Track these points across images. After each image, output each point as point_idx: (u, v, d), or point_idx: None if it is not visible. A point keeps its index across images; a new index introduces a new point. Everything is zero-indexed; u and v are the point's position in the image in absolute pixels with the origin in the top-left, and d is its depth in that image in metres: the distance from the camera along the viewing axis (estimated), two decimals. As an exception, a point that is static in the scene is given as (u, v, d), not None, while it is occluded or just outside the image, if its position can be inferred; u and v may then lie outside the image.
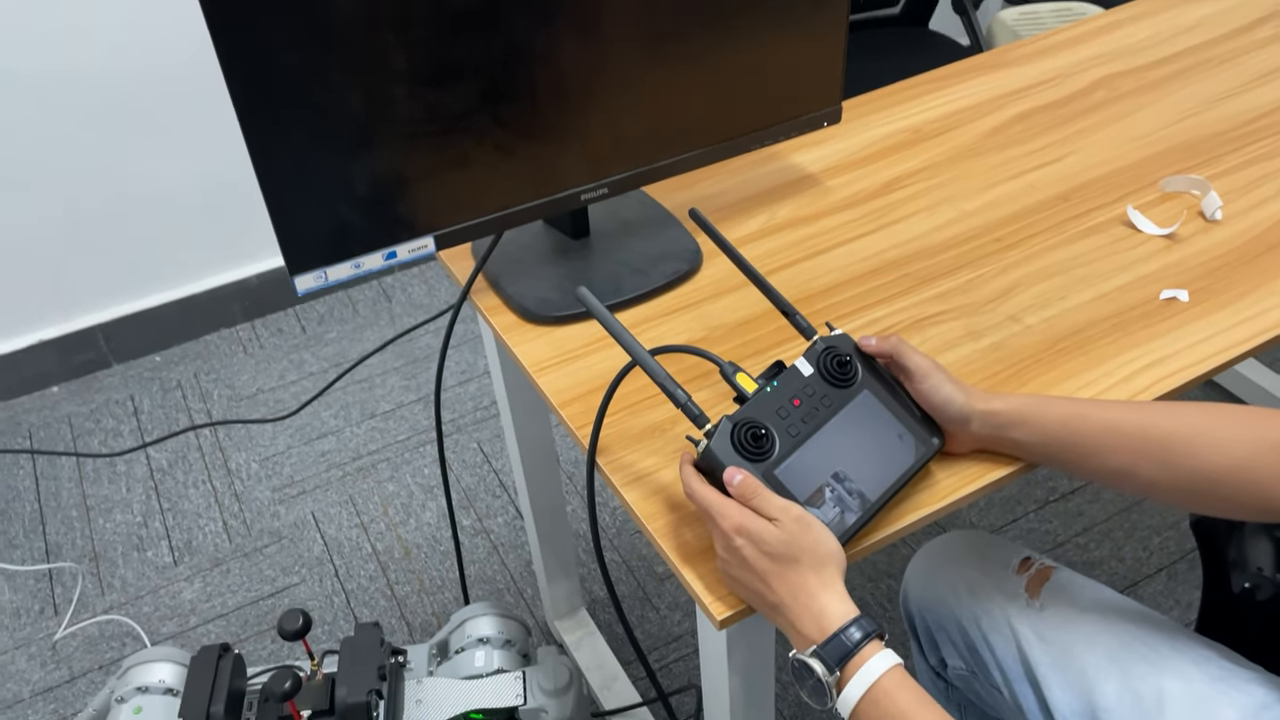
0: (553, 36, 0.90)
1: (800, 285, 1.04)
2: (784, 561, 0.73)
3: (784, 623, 0.74)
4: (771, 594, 0.73)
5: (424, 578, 1.67)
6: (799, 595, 0.72)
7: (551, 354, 0.99)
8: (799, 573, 0.73)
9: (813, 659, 0.71)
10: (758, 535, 0.73)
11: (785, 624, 0.74)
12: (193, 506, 1.83)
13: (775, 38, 1.02)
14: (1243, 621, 0.92)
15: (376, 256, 0.95)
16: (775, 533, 0.73)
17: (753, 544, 0.73)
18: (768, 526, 0.73)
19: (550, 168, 0.97)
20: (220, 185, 2.04)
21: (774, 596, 0.73)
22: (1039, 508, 1.70)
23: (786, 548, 0.72)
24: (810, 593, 0.72)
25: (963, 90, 1.34)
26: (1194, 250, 1.05)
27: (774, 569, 0.73)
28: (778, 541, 0.72)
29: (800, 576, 0.73)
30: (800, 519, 0.73)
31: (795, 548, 0.72)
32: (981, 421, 0.83)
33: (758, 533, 0.73)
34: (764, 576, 0.73)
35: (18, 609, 1.68)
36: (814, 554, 0.73)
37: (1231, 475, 0.78)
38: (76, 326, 2.07)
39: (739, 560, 0.74)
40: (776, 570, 0.73)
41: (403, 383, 2.04)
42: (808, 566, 0.73)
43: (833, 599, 0.72)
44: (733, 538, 0.73)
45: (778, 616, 0.74)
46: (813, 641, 0.71)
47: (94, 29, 1.79)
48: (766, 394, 0.79)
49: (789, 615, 0.73)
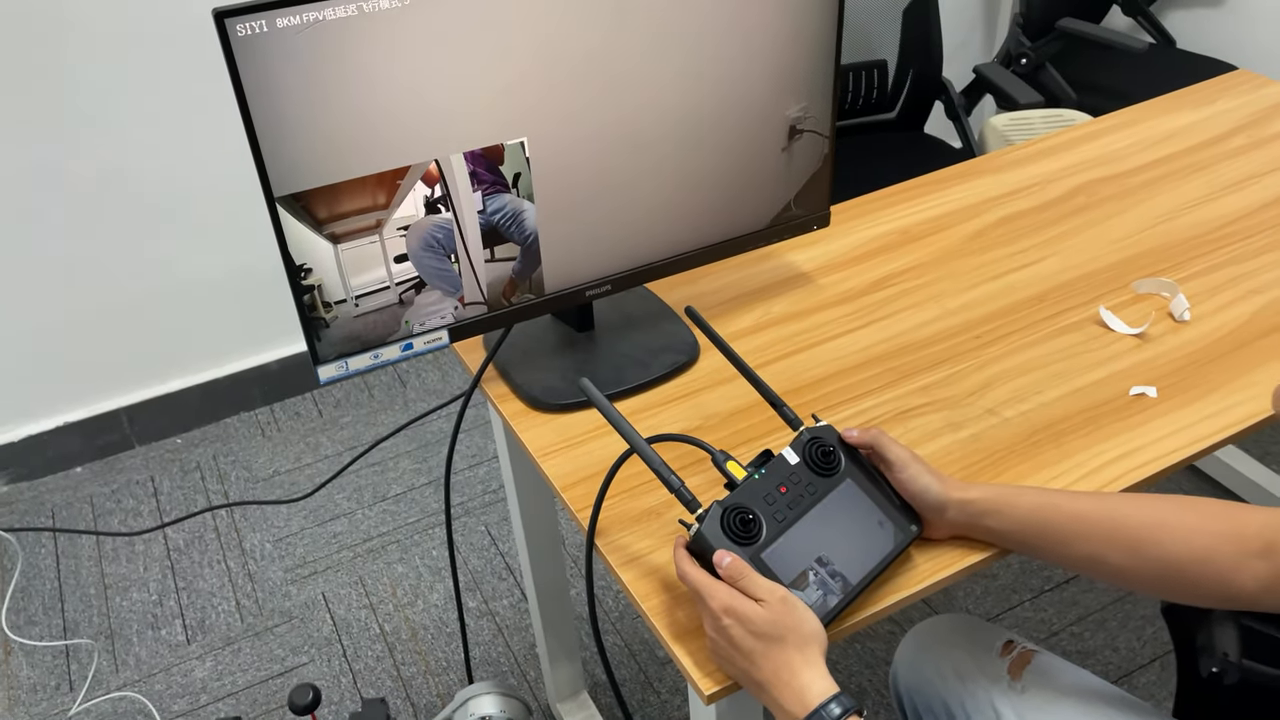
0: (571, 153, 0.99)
1: (792, 377, 1.11)
2: (769, 640, 0.77)
3: (769, 699, 0.78)
4: (757, 671, 0.78)
5: (430, 659, 1.71)
6: (782, 673, 0.77)
7: (556, 440, 1.05)
8: (784, 651, 0.77)
9: None
10: (745, 615, 0.78)
11: (770, 700, 0.78)
12: (207, 585, 1.87)
13: (766, 155, 1.11)
14: (1212, 705, 0.96)
15: (394, 348, 1.02)
16: (762, 613, 0.77)
17: (740, 624, 0.78)
18: (755, 607, 0.78)
19: (557, 266, 1.05)
20: (244, 275, 2.13)
21: (759, 674, 0.78)
22: (1034, 596, 1.73)
23: (772, 628, 0.77)
24: (793, 670, 0.77)
25: (951, 195, 1.42)
26: (1163, 349, 1.11)
27: (760, 648, 0.78)
28: (764, 622, 0.77)
29: (785, 655, 0.77)
30: (785, 600, 0.78)
31: (780, 628, 0.77)
32: (957, 509, 0.88)
33: (745, 613, 0.78)
34: (750, 655, 0.78)
35: (34, 685, 1.72)
36: (798, 634, 0.78)
37: (1194, 564, 0.83)
38: (102, 409, 2.15)
39: (727, 639, 0.79)
40: (762, 649, 0.78)
41: (414, 466, 2.10)
42: (792, 646, 0.77)
43: (815, 677, 0.77)
44: (721, 618, 0.78)
45: (763, 693, 0.79)
46: (796, 717, 0.76)
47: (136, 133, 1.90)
48: (754, 481, 0.85)
49: (773, 692, 0.77)
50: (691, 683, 0.81)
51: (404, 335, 1.02)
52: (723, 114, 1.06)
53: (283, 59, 0.83)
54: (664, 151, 1.05)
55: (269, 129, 0.86)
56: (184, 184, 1.99)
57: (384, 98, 0.89)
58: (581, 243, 1.06)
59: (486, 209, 0.98)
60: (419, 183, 0.94)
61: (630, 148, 1.03)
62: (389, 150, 0.91)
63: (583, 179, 1.02)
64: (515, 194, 0.99)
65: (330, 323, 0.97)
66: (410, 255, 0.97)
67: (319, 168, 0.89)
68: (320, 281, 0.95)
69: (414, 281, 0.99)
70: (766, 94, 1.07)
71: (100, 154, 1.90)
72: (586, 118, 0.99)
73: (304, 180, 0.89)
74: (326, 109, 0.87)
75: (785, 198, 1.16)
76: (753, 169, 1.11)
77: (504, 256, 1.02)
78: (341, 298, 0.96)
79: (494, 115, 0.94)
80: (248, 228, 2.07)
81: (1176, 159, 1.45)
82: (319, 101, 0.86)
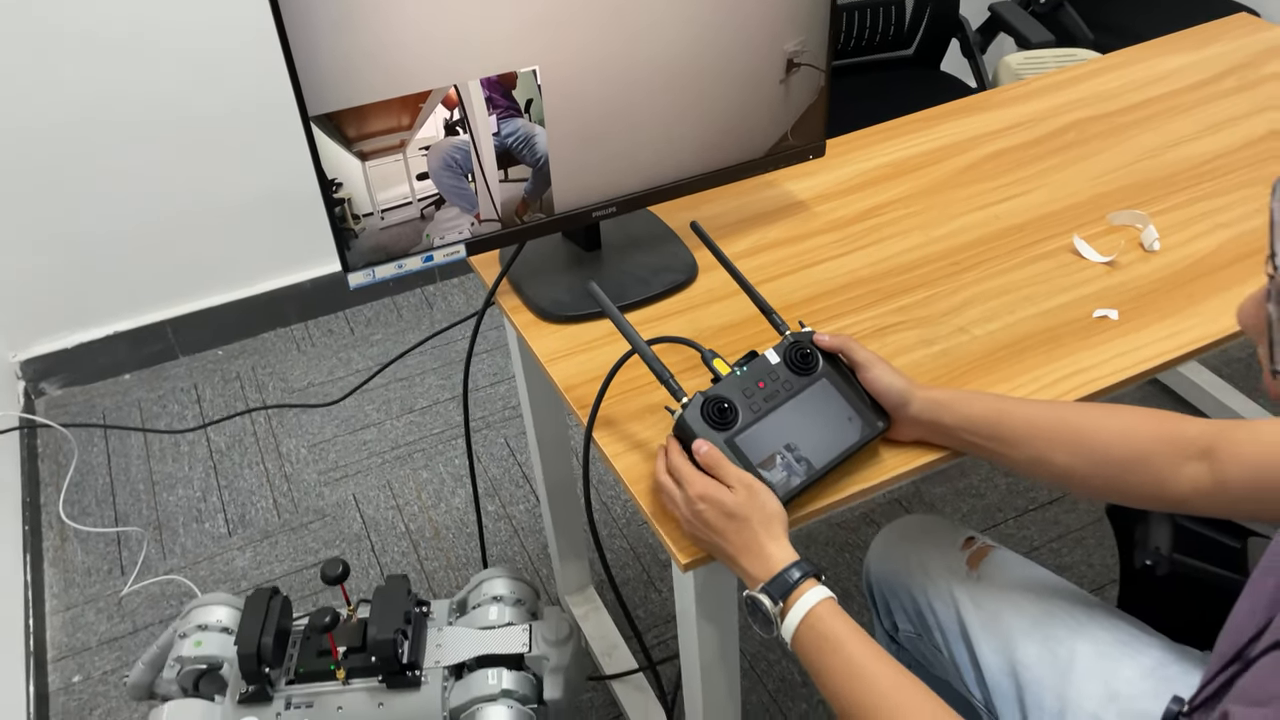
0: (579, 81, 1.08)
1: (783, 295, 1.20)
2: (738, 520, 0.89)
3: (739, 569, 0.90)
4: (729, 546, 0.89)
5: (450, 554, 1.85)
6: (750, 545, 0.89)
7: (562, 347, 1.15)
8: (749, 528, 0.89)
9: (760, 594, 0.87)
10: (717, 500, 0.89)
11: (740, 570, 0.90)
12: (247, 485, 2.02)
13: (764, 87, 1.19)
14: (1148, 595, 1.06)
15: (416, 259, 1.12)
16: (731, 497, 0.89)
17: (712, 507, 0.89)
18: (726, 492, 0.89)
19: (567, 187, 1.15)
20: (281, 198, 2.24)
21: (730, 548, 0.89)
22: (1018, 515, 1.84)
23: (739, 509, 0.88)
24: (760, 543, 0.88)
25: (947, 129, 1.49)
26: (1130, 276, 1.19)
27: (730, 526, 0.89)
28: (733, 504, 0.89)
29: (750, 531, 0.89)
30: (750, 486, 0.89)
31: (746, 509, 0.89)
32: (920, 405, 0.98)
33: (717, 498, 0.89)
34: (722, 533, 0.89)
35: (89, 569, 1.88)
36: (762, 513, 0.89)
37: (1132, 464, 0.92)
38: (148, 320, 2.28)
39: (701, 521, 0.90)
40: (733, 527, 0.89)
41: (439, 382, 2.23)
42: (757, 523, 0.89)
43: (777, 548, 0.88)
44: (696, 502, 0.90)
45: (734, 564, 0.90)
46: (760, 580, 0.87)
47: (182, 65, 2.00)
48: (735, 376, 0.95)
49: (742, 562, 0.89)
50: (672, 554, 0.93)
51: (425, 247, 1.12)
52: (723, 46, 1.14)
53: (318, -9, 0.93)
54: (667, 81, 1.14)
55: (304, 54, 0.95)
56: (226, 112, 2.09)
57: (408, 26, 0.98)
58: (589, 166, 1.15)
59: (501, 132, 1.08)
60: (439, 106, 1.03)
61: (636, 77, 1.11)
62: (412, 75, 1.00)
63: (591, 106, 1.11)
64: (527, 119, 1.08)
65: (359, 234, 1.08)
66: (431, 173, 1.07)
67: (349, 90, 0.99)
68: (350, 196, 1.05)
69: (434, 198, 1.09)
70: (765, 28, 1.15)
71: (147, 81, 2.00)
72: (595, 49, 1.07)
73: (336, 101, 0.99)
74: (356, 36, 0.96)
75: (782, 128, 1.24)
76: (752, 100, 1.20)
77: (517, 177, 1.12)
78: (369, 211, 1.07)
79: (509, 45, 1.03)
80: (284, 154, 2.17)
81: (1166, 99, 1.51)
82: (349, 28, 0.96)
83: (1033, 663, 1.02)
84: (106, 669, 1.70)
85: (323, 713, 1.22)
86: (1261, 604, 0.75)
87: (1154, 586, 1.04)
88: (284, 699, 1.23)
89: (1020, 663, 1.02)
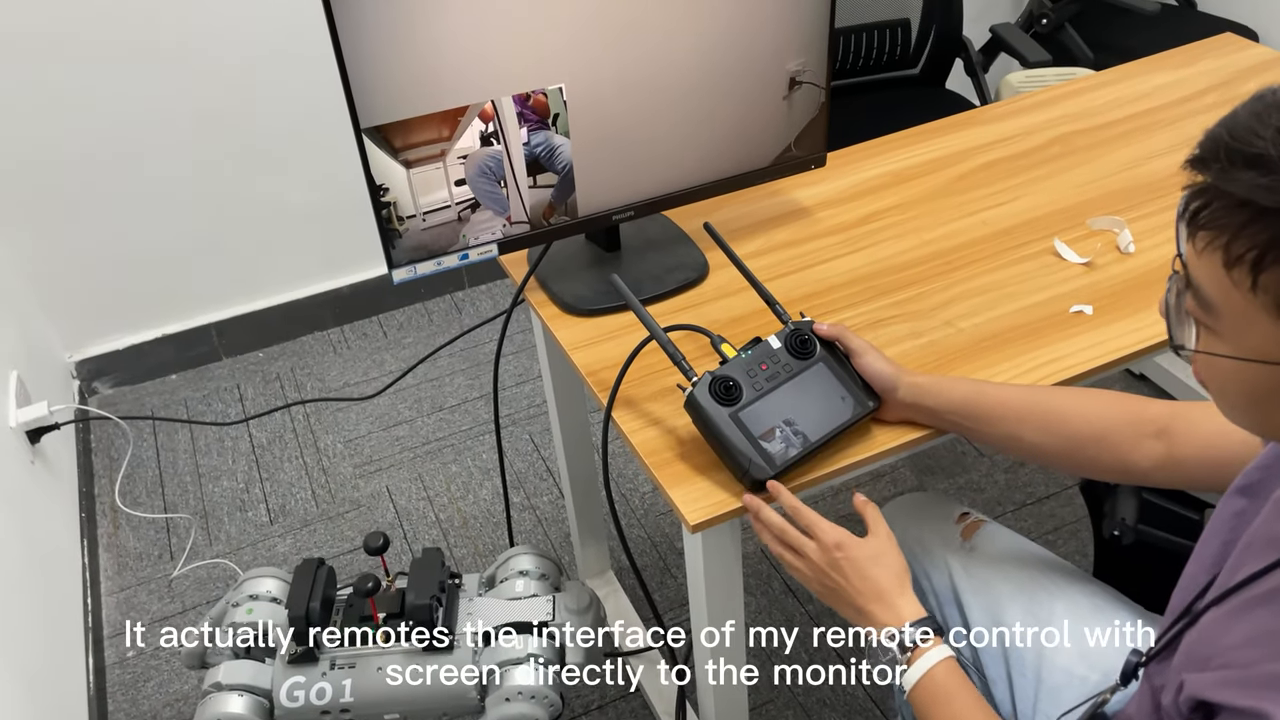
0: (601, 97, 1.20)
1: (786, 291, 1.31)
2: (881, 565, 0.97)
3: (865, 614, 0.96)
4: (863, 591, 0.96)
5: (478, 542, 1.96)
6: (884, 595, 0.95)
7: (584, 338, 1.27)
8: (888, 576, 0.96)
9: (891, 643, 0.93)
10: (854, 545, 0.97)
11: (866, 614, 0.96)
12: (287, 477, 2.14)
13: (769, 103, 1.30)
14: (1117, 564, 1.16)
15: (453, 257, 1.25)
16: (870, 543, 0.97)
17: (848, 553, 0.96)
18: (860, 540, 0.97)
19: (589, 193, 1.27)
20: (321, 208, 2.38)
21: (862, 596, 0.96)
22: (1016, 509, 1.93)
23: (883, 553, 0.97)
24: (894, 593, 0.95)
25: (943, 142, 1.60)
26: (1106, 276, 1.29)
27: (873, 572, 0.96)
28: (874, 549, 0.97)
29: (889, 579, 0.96)
30: (872, 539, 0.99)
31: (888, 555, 0.97)
32: (906, 389, 1.09)
33: (854, 544, 0.97)
34: (861, 578, 0.96)
35: (140, 553, 2.01)
36: (900, 563, 0.98)
37: (1096, 441, 1.03)
38: (194, 324, 2.42)
39: (837, 569, 0.97)
40: (875, 573, 0.96)
41: (468, 382, 2.35)
42: (895, 573, 0.97)
43: (907, 602, 0.95)
44: (832, 550, 0.97)
45: (860, 610, 0.96)
46: (888, 626, 0.94)
47: (230, 81, 2.14)
48: (741, 358, 1.07)
49: (872, 608, 0.95)
50: (680, 515, 1.04)
51: (462, 247, 1.24)
52: (731, 65, 1.26)
53: (370, 11, 1.05)
54: (682, 98, 1.25)
55: (358, 73, 1.08)
56: (272, 126, 2.24)
57: (451, 49, 1.10)
58: (609, 174, 1.27)
59: (531, 142, 1.20)
60: (476, 119, 1.16)
61: (653, 94, 1.24)
62: (453, 92, 1.13)
63: (611, 119, 1.23)
64: (554, 131, 1.20)
65: (403, 234, 1.20)
66: (468, 180, 1.19)
67: (397, 105, 1.11)
68: (395, 200, 1.18)
69: (470, 202, 1.21)
70: (770, 49, 1.27)
71: (199, 96, 2.14)
72: (615, 68, 1.19)
73: (385, 115, 1.11)
74: (404, 57, 1.09)
75: (786, 140, 1.36)
76: (758, 114, 1.31)
77: (544, 184, 1.24)
78: (412, 213, 1.19)
79: (539, 65, 1.15)
80: (325, 166, 2.31)
81: (1149, 114, 1.61)
82: (398, 50, 1.08)
83: (1016, 624, 1.12)
84: (158, 644, 1.83)
85: (364, 673, 1.33)
86: (1206, 564, 0.84)
87: (1122, 555, 1.14)
88: (329, 660, 1.34)
89: (1005, 623, 1.12)
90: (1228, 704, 0.68)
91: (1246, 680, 0.67)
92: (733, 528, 1.10)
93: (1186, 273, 0.67)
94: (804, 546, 0.99)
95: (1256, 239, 0.61)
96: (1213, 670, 0.72)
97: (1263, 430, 0.71)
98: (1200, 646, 0.76)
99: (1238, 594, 0.73)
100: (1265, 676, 0.66)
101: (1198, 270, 0.65)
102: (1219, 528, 0.84)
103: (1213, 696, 0.70)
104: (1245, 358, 0.65)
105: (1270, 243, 0.60)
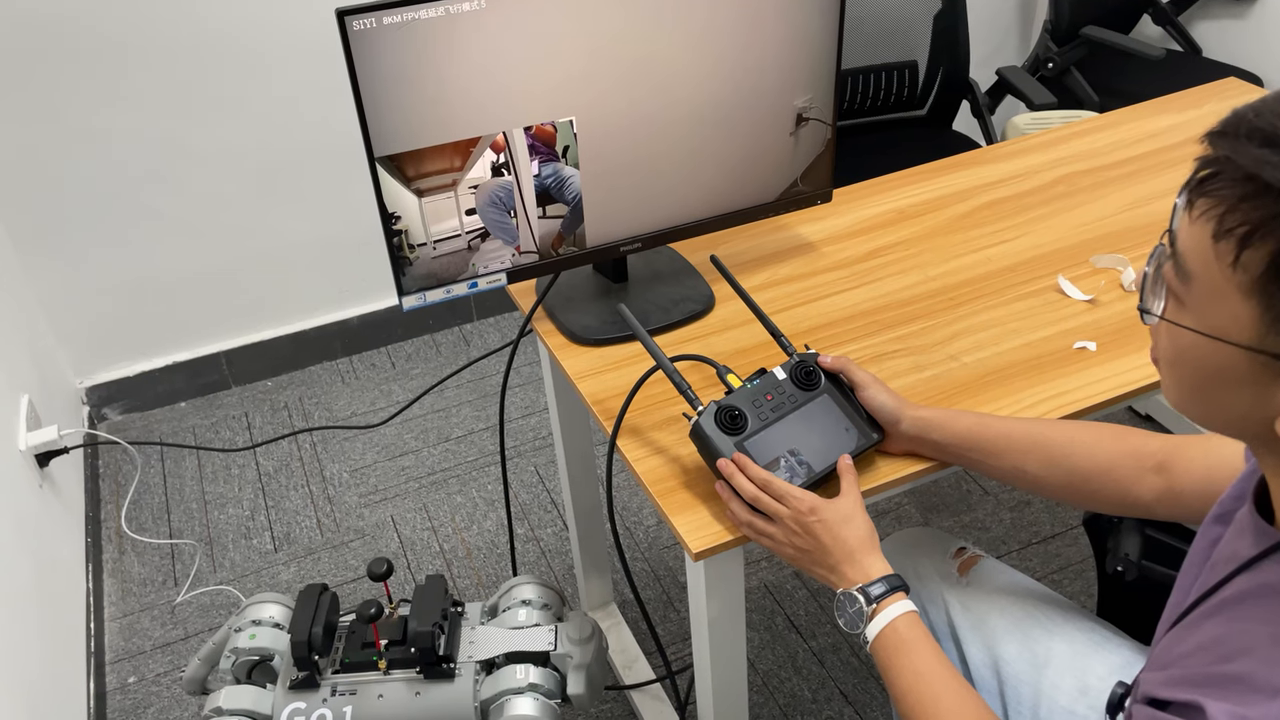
0: (611, 130, 1.22)
1: (791, 324, 1.32)
2: (853, 524, 1.00)
3: (837, 573, 1.00)
4: (833, 552, 0.99)
5: (482, 573, 1.96)
6: (855, 553, 0.99)
7: (590, 367, 1.28)
8: (858, 535, 1.00)
9: (858, 593, 0.97)
10: (825, 507, 0.99)
11: (838, 573, 1.00)
12: (292, 505, 2.15)
13: (776, 138, 1.32)
14: (1121, 600, 1.16)
15: (463, 285, 1.26)
16: (841, 503, 1.00)
17: (822, 516, 0.99)
18: (830, 501, 1.00)
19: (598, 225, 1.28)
20: (331, 241, 2.41)
21: (833, 556, 1.00)
22: (1021, 548, 1.93)
23: (854, 512, 1.01)
24: (864, 551, 0.99)
25: (948, 180, 1.62)
26: (1109, 313, 1.30)
27: (843, 532, 1.00)
28: (848, 508, 1.00)
29: (859, 537, 1.00)
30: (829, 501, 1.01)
31: (858, 516, 1.01)
32: (910, 423, 1.09)
33: (826, 506, 0.99)
34: (832, 539, 0.99)
35: (144, 579, 2.01)
36: (868, 524, 1.01)
37: (1099, 475, 1.03)
38: (204, 352, 2.44)
39: (810, 533, 1.00)
40: (845, 533, 1.00)
41: (474, 413, 2.36)
42: (865, 532, 1.00)
43: (876, 559, 0.99)
44: (807, 515, 1.00)
45: (832, 569, 1.00)
46: (856, 583, 0.98)
47: (243, 118, 2.18)
48: (746, 389, 1.08)
49: (844, 567, 0.99)
50: (683, 543, 1.04)
51: (471, 275, 1.26)
52: (740, 101, 1.28)
53: (386, 48, 1.08)
54: (689, 131, 1.28)
55: (373, 103, 1.10)
56: (285, 159, 2.27)
57: (462, 81, 1.12)
58: (618, 205, 1.29)
59: (541, 174, 1.22)
60: (488, 150, 1.18)
61: (661, 129, 1.26)
62: (465, 123, 1.15)
63: (620, 152, 1.25)
64: (564, 163, 1.22)
65: (413, 261, 1.21)
66: (478, 209, 1.21)
67: (410, 135, 1.13)
68: (407, 228, 1.19)
69: (480, 231, 1.23)
70: (778, 85, 1.29)
71: (214, 127, 2.18)
72: (625, 102, 1.21)
73: (398, 144, 1.13)
74: (417, 89, 1.11)
75: (792, 175, 1.38)
76: (765, 149, 1.33)
77: (554, 214, 1.26)
78: (423, 241, 1.21)
79: (551, 98, 1.17)
80: (336, 201, 2.34)
81: (1153, 155, 1.63)
82: (412, 83, 1.10)
83: (1013, 660, 1.11)
84: (160, 671, 1.83)
85: (365, 700, 1.33)
86: (1184, 591, 0.84)
87: (1125, 591, 1.13)
88: (330, 686, 1.34)
89: (1002, 659, 1.12)
90: (1171, 699, 0.70)
91: (1190, 679, 0.70)
92: (735, 557, 1.10)
93: (1173, 243, 0.68)
94: (779, 512, 1.01)
95: (1250, 215, 0.62)
96: (1164, 672, 0.74)
97: (1203, 417, 0.72)
98: (1160, 657, 0.77)
99: (1197, 609, 0.75)
100: (1205, 676, 0.69)
101: (1186, 239, 0.66)
102: (1196, 556, 0.85)
103: (1159, 693, 0.72)
104: (1207, 333, 0.66)
105: (1262, 221, 0.61)
